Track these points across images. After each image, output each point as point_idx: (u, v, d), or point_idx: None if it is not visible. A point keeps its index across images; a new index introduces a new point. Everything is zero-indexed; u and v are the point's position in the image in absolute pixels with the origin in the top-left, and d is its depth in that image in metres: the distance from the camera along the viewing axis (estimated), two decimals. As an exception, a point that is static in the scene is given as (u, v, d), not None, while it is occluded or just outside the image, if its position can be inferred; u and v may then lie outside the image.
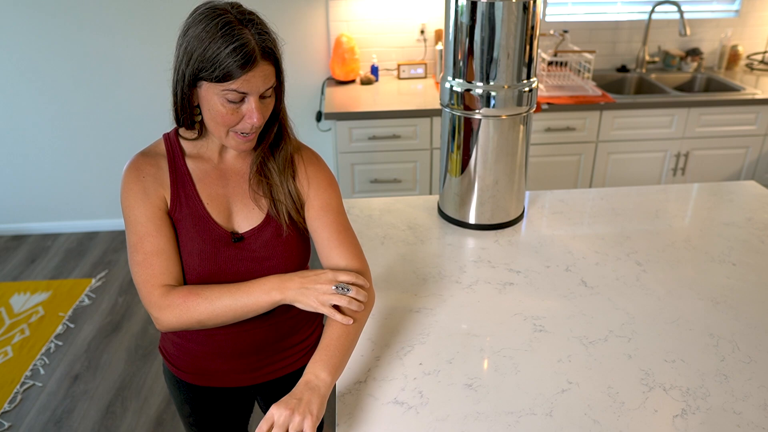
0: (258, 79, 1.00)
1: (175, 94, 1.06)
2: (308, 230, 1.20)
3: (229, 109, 1.02)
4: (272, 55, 1.01)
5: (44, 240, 3.53)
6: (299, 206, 1.19)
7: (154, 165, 1.13)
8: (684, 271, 1.50)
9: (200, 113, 1.08)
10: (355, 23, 3.19)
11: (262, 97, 1.04)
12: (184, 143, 1.16)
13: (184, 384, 1.32)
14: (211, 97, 1.02)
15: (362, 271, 1.16)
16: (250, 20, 1.00)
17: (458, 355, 1.22)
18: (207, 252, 1.13)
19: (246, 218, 1.16)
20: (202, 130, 1.14)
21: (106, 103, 3.30)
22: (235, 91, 1.00)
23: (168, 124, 1.16)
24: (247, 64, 0.97)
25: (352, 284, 1.09)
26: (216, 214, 1.14)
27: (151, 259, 1.09)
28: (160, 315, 1.08)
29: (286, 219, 1.16)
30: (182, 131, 1.15)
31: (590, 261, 1.54)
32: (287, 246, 1.17)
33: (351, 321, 1.07)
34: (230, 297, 1.08)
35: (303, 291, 1.07)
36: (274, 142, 1.16)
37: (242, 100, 1.02)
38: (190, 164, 1.15)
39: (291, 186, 1.17)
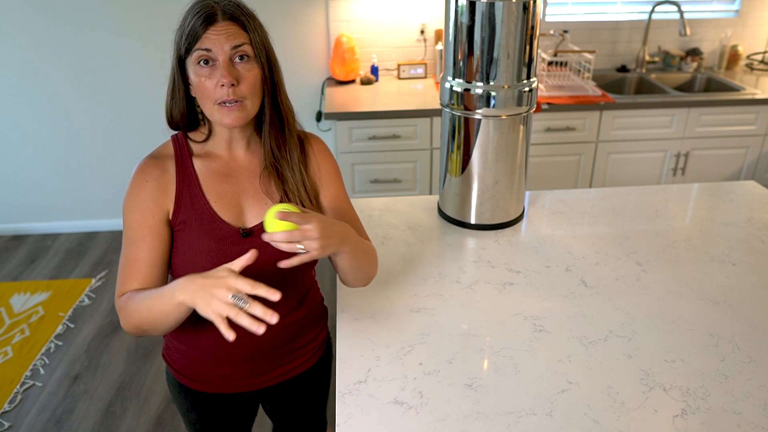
0: (221, 36, 1.03)
1: (172, 81, 1.11)
2: None
3: (204, 75, 1.05)
4: (237, 19, 1.05)
5: (44, 240, 3.53)
6: (312, 197, 1.19)
7: (161, 167, 1.13)
8: (684, 271, 1.49)
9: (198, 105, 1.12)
10: (355, 23, 3.19)
11: (234, 61, 1.06)
12: (192, 144, 1.17)
13: (191, 391, 1.31)
14: (192, 70, 1.06)
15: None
16: None
17: (458, 355, 1.22)
18: (215, 250, 1.12)
19: (258, 214, 1.16)
20: (210, 132, 1.16)
21: (106, 103, 3.30)
22: (201, 50, 1.03)
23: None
24: (207, 21, 1.03)
25: (252, 296, 0.93)
26: (224, 212, 1.14)
27: (128, 266, 1.11)
28: (120, 319, 1.11)
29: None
30: (191, 133, 1.17)
31: (590, 261, 1.54)
32: None
33: (262, 329, 0.91)
34: (149, 300, 1.01)
35: (201, 294, 0.93)
36: (277, 127, 1.16)
37: (213, 66, 1.04)
38: (198, 164, 1.15)
39: (304, 175, 1.18)
